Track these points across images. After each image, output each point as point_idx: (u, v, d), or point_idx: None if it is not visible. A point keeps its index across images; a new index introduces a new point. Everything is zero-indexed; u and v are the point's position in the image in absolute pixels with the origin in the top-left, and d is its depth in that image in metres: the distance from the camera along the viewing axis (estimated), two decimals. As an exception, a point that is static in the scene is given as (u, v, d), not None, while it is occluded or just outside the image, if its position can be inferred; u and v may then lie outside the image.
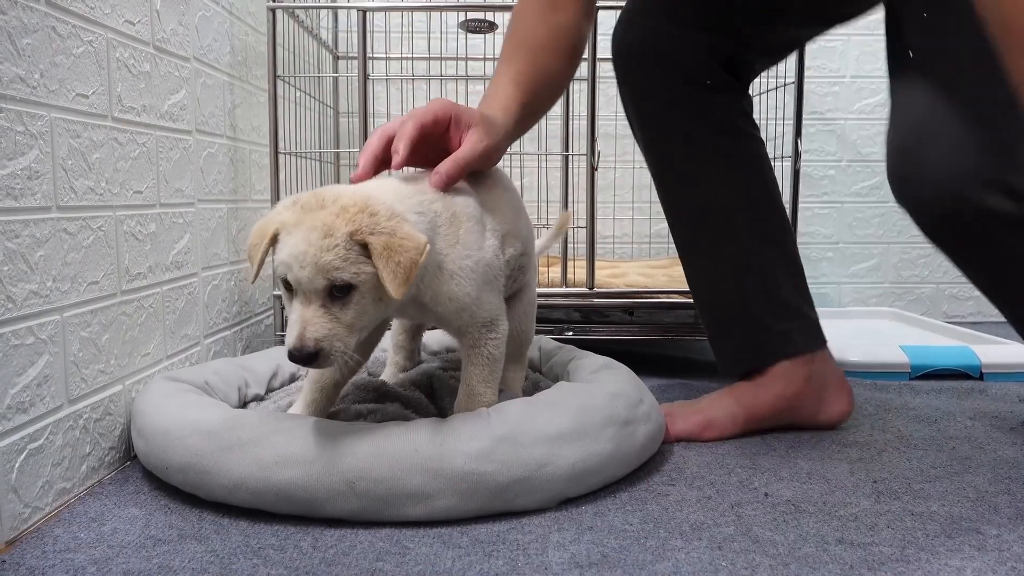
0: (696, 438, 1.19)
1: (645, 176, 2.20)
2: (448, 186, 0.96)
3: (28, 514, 0.86)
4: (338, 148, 2.12)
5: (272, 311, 1.66)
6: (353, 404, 1.08)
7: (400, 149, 0.93)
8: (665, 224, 2.29)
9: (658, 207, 2.22)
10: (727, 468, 1.07)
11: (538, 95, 1.10)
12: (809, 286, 1.25)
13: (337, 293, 0.84)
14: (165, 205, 1.20)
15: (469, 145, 0.97)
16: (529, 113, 1.09)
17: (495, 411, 0.95)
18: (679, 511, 0.93)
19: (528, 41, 1.12)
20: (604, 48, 1.57)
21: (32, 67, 0.88)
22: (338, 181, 2.09)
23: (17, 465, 0.85)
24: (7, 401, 0.83)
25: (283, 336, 1.54)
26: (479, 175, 1.06)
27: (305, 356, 0.82)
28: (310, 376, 1.06)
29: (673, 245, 2.39)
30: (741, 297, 1.20)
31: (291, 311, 0.85)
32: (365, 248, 0.84)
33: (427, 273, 0.92)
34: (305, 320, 0.83)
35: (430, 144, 0.98)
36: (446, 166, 0.96)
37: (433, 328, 1.34)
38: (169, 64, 1.21)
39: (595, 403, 0.99)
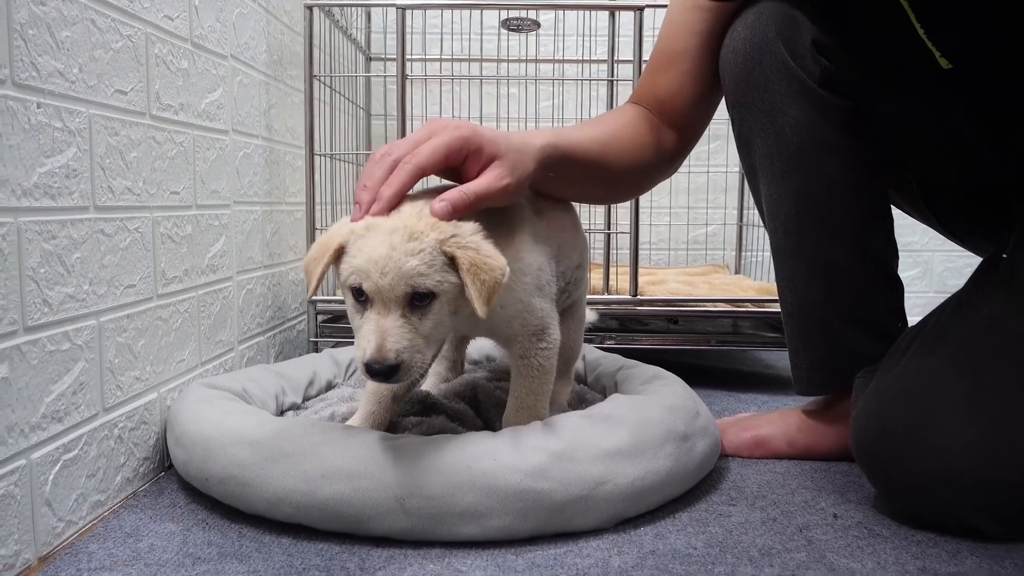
0: (744, 456, 1.13)
1: (683, 180, 2.16)
2: (451, 218, 0.82)
3: (61, 528, 0.82)
4: (372, 147, 2.08)
5: (305, 316, 1.62)
6: (398, 416, 1.04)
7: (385, 197, 0.81)
8: (703, 231, 2.26)
9: (696, 212, 2.19)
10: (789, 488, 1.02)
11: (577, 172, 1.01)
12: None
13: (417, 302, 0.80)
14: (201, 206, 1.16)
15: (487, 180, 0.85)
16: (561, 174, 0.98)
17: (550, 426, 0.90)
18: (744, 534, 0.87)
19: (607, 129, 1.07)
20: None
21: (71, 61, 0.84)
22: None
23: (51, 477, 0.81)
24: (42, 410, 0.79)
25: (316, 343, 1.50)
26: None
27: (385, 369, 0.77)
28: (368, 389, 1.01)
29: (711, 252, 2.38)
30: (827, 311, 1.09)
31: (364, 321, 0.80)
32: (450, 259, 0.80)
33: None
34: (384, 330, 0.78)
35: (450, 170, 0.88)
36: (454, 196, 0.82)
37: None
38: (207, 61, 1.18)
39: (653, 417, 0.94)
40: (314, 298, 1.52)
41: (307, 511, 0.83)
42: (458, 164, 0.85)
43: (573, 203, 1.11)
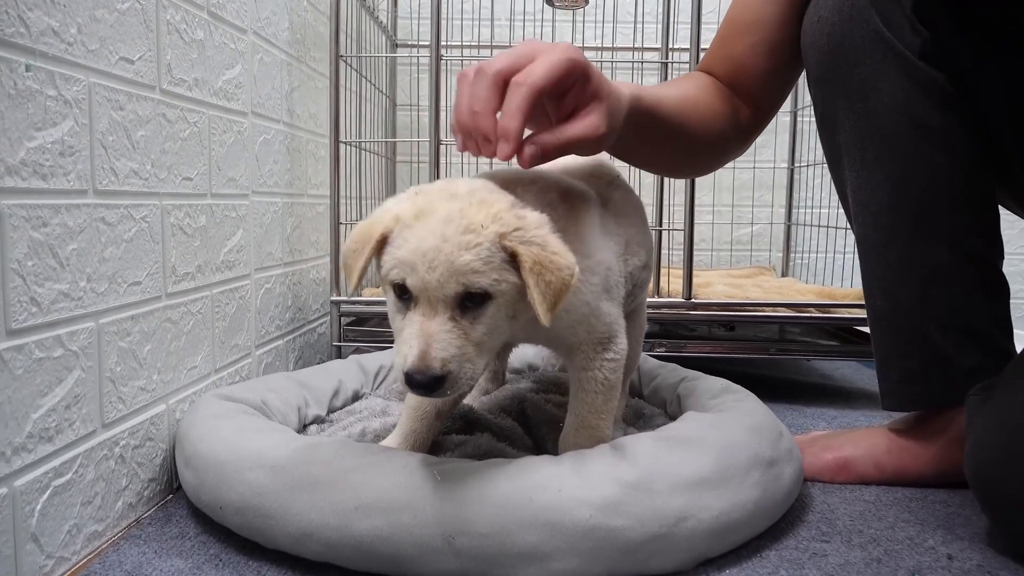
0: (826, 481, 1.00)
1: (727, 177, 2.03)
2: (540, 163, 0.72)
3: (51, 567, 0.70)
4: (397, 138, 1.95)
5: (327, 319, 1.50)
6: (439, 435, 0.91)
7: (511, 131, 0.68)
8: (747, 230, 2.12)
9: (741, 211, 2.06)
10: (886, 521, 0.88)
11: (656, 132, 0.89)
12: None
13: (469, 303, 0.68)
14: (217, 195, 1.04)
15: (584, 126, 0.73)
16: (641, 132, 0.86)
17: (619, 450, 0.77)
18: (849, 579, 0.74)
19: (684, 91, 0.95)
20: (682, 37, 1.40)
21: (68, 19, 0.72)
22: (395, 177, 1.93)
23: (39, 507, 0.68)
24: (28, 428, 0.67)
25: (339, 347, 1.38)
26: (600, 172, 0.90)
27: (429, 381, 0.65)
28: (408, 404, 0.89)
29: (756, 253, 2.24)
30: (923, 316, 0.96)
31: (406, 323, 0.68)
32: (510, 256, 0.68)
33: None
34: (429, 335, 0.66)
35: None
36: (546, 141, 0.72)
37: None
38: (224, 34, 1.06)
39: (736, 439, 0.81)
40: (337, 299, 1.39)
41: (339, 549, 0.71)
42: (566, 90, 0.73)
43: (638, 196, 0.98)
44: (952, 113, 0.92)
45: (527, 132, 0.73)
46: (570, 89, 0.73)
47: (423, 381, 0.65)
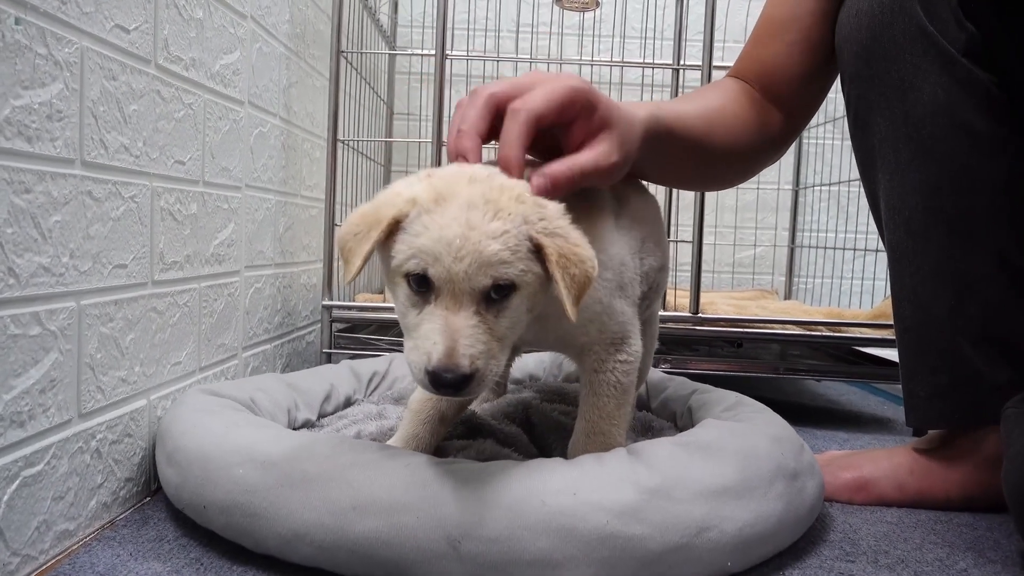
0: (844, 501, 0.95)
1: (730, 197, 1.99)
2: (551, 197, 0.68)
3: (16, 565, 0.64)
4: (392, 138, 1.91)
5: (318, 326, 1.44)
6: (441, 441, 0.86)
7: (512, 160, 0.67)
8: (750, 252, 2.08)
9: (744, 232, 2.02)
10: (912, 542, 0.83)
11: (676, 151, 0.85)
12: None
13: (494, 295, 0.63)
14: (209, 184, 0.99)
15: (595, 155, 0.71)
16: (659, 152, 0.82)
17: (636, 455, 0.72)
18: (880, 600, 0.69)
19: (710, 104, 0.91)
20: (692, 55, 1.38)
21: (62, -24, 0.67)
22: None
23: (6, 498, 0.62)
24: (-2, 409, 0.61)
25: (329, 355, 1.32)
26: None
27: (458, 379, 0.60)
28: (411, 407, 0.83)
29: (758, 276, 2.20)
30: (955, 328, 0.91)
31: (425, 318, 0.63)
32: (535, 247, 0.64)
33: None
34: (455, 331, 0.61)
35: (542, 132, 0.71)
36: (557, 172, 0.69)
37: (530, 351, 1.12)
38: (224, 17, 1.01)
39: (759, 449, 0.76)
40: (329, 303, 1.34)
41: (333, 552, 0.65)
42: (568, 121, 0.71)
43: (653, 196, 0.94)
44: (995, 114, 0.88)
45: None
46: (576, 119, 0.71)
47: (452, 380, 0.60)
